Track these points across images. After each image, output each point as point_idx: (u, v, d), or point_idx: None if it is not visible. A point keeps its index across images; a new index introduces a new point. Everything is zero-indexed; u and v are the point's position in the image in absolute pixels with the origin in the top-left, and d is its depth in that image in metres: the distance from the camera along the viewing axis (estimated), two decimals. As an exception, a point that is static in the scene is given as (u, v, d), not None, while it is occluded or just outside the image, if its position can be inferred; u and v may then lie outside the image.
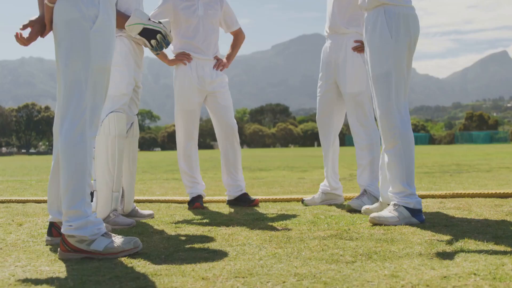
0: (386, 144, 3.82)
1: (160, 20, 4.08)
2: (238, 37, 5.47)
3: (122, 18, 3.98)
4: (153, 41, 4.00)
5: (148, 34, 3.98)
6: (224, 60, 5.28)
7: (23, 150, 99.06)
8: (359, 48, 4.68)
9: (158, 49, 4.02)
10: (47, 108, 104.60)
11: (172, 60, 5.10)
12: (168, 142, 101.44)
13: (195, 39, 5.08)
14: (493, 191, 5.25)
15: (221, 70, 5.16)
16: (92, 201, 3.85)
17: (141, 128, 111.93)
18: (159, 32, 3.99)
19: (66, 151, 2.88)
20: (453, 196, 5.25)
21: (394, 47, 3.75)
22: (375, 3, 3.81)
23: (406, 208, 3.69)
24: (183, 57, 5.05)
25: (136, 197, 5.67)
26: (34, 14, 3.16)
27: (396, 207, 3.71)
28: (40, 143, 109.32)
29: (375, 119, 4.40)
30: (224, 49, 5.42)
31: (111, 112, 3.96)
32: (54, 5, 3.00)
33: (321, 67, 4.97)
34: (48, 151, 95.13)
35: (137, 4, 4.26)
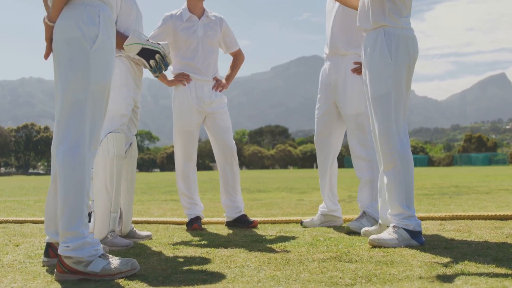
0: (385, 166, 3.80)
1: (159, 42, 4.08)
2: (237, 58, 5.48)
3: (121, 38, 3.99)
4: (151, 62, 4.00)
5: (146, 54, 3.98)
6: (223, 81, 5.28)
7: (21, 170, 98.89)
8: (358, 69, 4.69)
9: (157, 70, 4.02)
10: (46, 128, 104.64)
11: (171, 81, 5.11)
12: (167, 163, 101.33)
13: (194, 60, 5.08)
14: (493, 213, 5.23)
15: (220, 91, 5.17)
16: (90, 221, 3.83)
17: (140, 149, 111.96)
18: (158, 52, 3.99)
19: (64, 171, 2.86)
20: (453, 218, 5.22)
21: (393, 68, 3.75)
22: (374, 24, 3.83)
23: (406, 230, 3.67)
24: (182, 78, 5.06)
25: (134, 218, 5.64)
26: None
27: (396, 229, 3.68)
28: (39, 164, 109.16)
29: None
30: (223, 69, 5.42)
31: (110, 132, 3.95)
32: (54, 24, 3.00)
33: (319, 88, 4.97)
34: (47, 172, 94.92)
35: (137, 24, 4.27)
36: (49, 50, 3.09)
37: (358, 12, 4.03)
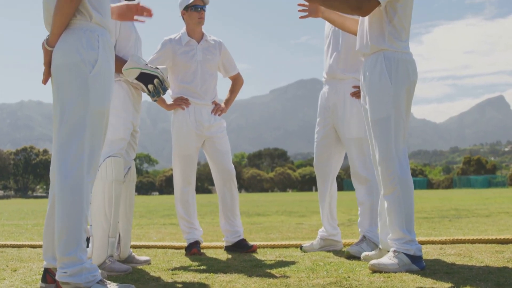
0: (385, 190, 3.78)
1: (158, 67, 4.09)
2: (236, 82, 5.49)
3: (119, 63, 3.99)
4: (150, 86, 4.00)
5: (145, 79, 3.99)
6: (222, 105, 5.28)
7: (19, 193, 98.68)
8: (357, 93, 4.69)
9: (155, 94, 4.02)
10: (45, 151, 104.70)
11: (170, 105, 5.11)
12: (166, 186, 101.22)
13: (193, 83, 5.09)
14: (494, 237, 5.20)
15: (219, 115, 5.16)
16: (88, 246, 3.80)
17: (139, 172, 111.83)
18: (157, 77, 4.00)
19: (62, 196, 2.84)
20: (453, 242, 5.20)
21: (393, 92, 3.75)
22: (374, 48, 3.84)
23: (406, 255, 3.64)
24: (181, 102, 5.06)
25: (132, 243, 5.61)
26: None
27: (396, 253, 3.66)
28: (38, 187, 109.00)
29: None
30: (222, 91, 5.43)
31: (109, 156, 3.94)
32: (53, 49, 3.01)
33: (319, 112, 4.98)
34: (46, 195, 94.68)
35: (135, 49, 4.28)
36: (47, 75, 3.09)
37: (357, 36, 4.04)
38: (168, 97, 5.18)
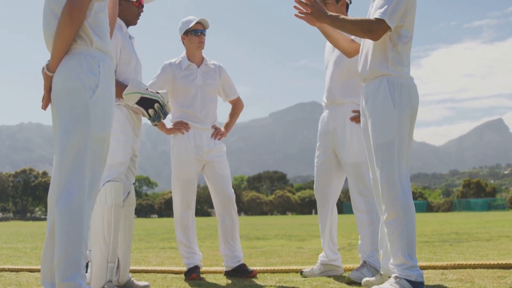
0: (387, 215, 3.76)
1: (158, 91, 4.09)
2: (236, 106, 5.49)
3: (120, 87, 3.99)
4: (150, 111, 4.00)
5: (145, 103, 3.99)
6: (222, 129, 5.28)
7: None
8: (357, 118, 4.69)
9: (155, 119, 4.02)
10: (44, 173, 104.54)
11: (170, 129, 5.10)
12: (165, 209, 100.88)
13: (193, 108, 5.09)
14: (495, 262, 5.17)
15: (219, 139, 5.16)
16: (86, 272, 3.77)
17: (138, 194, 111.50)
18: (157, 101, 4.00)
19: (62, 221, 2.83)
20: (455, 267, 5.16)
21: (397, 117, 3.74)
22: (377, 73, 3.83)
23: (408, 281, 3.60)
24: (181, 126, 5.06)
25: (131, 267, 5.56)
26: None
27: (398, 279, 3.62)
28: (37, 209, 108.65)
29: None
30: (223, 114, 5.43)
31: (108, 181, 3.92)
32: (54, 74, 3.00)
33: (319, 136, 4.98)
34: (45, 217, 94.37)
35: (136, 73, 4.29)
36: (47, 100, 3.08)
37: (359, 60, 4.04)
38: (168, 121, 5.18)
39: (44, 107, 3.13)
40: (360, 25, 3.76)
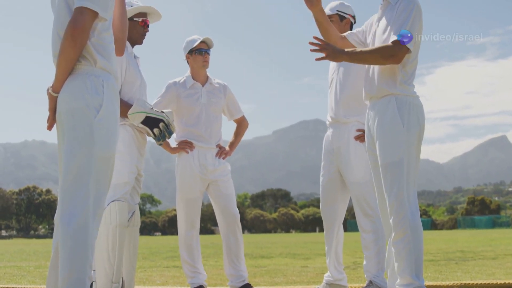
0: (395, 235, 3.72)
1: (163, 110, 4.09)
2: (241, 125, 5.49)
3: (125, 107, 4.00)
4: (155, 130, 4.00)
5: (150, 123, 3.99)
6: (227, 148, 5.27)
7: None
8: (361, 137, 4.67)
9: (160, 138, 4.01)
10: (48, 191, 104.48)
11: (174, 148, 5.09)
12: (168, 226, 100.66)
13: (197, 126, 5.09)
14: (502, 281, 5.14)
15: (223, 159, 5.15)
16: (90, 292, 3.75)
17: (142, 212, 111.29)
18: (162, 121, 4.00)
19: (67, 242, 2.81)
20: (461, 286, 5.13)
21: (406, 136, 3.72)
22: (385, 92, 3.81)
23: (415, 301, 3.57)
24: (185, 145, 5.05)
25: (136, 287, 5.54)
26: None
27: (404, 300, 3.59)
28: (40, 226, 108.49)
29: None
30: (227, 132, 5.41)
31: (113, 201, 3.91)
32: (58, 95, 3.00)
33: (323, 155, 4.96)
34: (48, 235, 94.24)
35: (141, 93, 4.30)
36: (52, 121, 3.08)
37: (364, 79, 4.02)
38: (173, 140, 5.17)
39: (49, 127, 3.13)
40: (380, 53, 3.73)
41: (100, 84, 3.01)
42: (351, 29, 4.88)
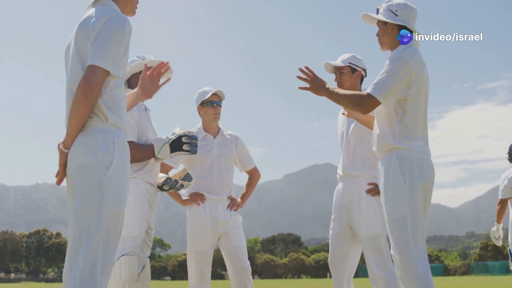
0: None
1: (174, 132, 4.11)
2: (253, 176, 5.48)
3: (147, 150, 4.02)
4: (184, 146, 3.99)
5: (177, 146, 4.00)
6: (239, 200, 5.25)
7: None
8: (373, 190, 4.64)
9: (193, 148, 4.02)
10: (58, 234, 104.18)
11: (185, 200, 5.08)
12: (178, 271, 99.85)
13: (209, 178, 5.08)
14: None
15: (235, 210, 5.13)
16: None
17: (152, 256, 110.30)
18: (180, 136, 4.01)
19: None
20: None
21: (408, 192, 3.70)
22: (386, 146, 3.82)
23: None
24: (196, 197, 5.04)
25: None
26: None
27: None
28: (49, 270, 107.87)
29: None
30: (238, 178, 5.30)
31: (122, 255, 3.89)
32: (69, 151, 3.01)
33: (333, 208, 4.92)
34: (57, 278, 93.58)
35: (154, 134, 4.32)
36: (62, 176, 3.08)
37: (372, 135, 4.03)
38: (184, 191, 5.17)
39: (59, 182, 3.13)
40: (350, 99, 3.80)
41: (111, 140, 3.00)
42: (361, 82, 4.91)
